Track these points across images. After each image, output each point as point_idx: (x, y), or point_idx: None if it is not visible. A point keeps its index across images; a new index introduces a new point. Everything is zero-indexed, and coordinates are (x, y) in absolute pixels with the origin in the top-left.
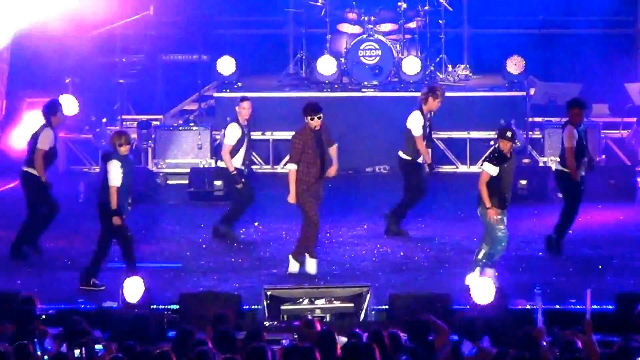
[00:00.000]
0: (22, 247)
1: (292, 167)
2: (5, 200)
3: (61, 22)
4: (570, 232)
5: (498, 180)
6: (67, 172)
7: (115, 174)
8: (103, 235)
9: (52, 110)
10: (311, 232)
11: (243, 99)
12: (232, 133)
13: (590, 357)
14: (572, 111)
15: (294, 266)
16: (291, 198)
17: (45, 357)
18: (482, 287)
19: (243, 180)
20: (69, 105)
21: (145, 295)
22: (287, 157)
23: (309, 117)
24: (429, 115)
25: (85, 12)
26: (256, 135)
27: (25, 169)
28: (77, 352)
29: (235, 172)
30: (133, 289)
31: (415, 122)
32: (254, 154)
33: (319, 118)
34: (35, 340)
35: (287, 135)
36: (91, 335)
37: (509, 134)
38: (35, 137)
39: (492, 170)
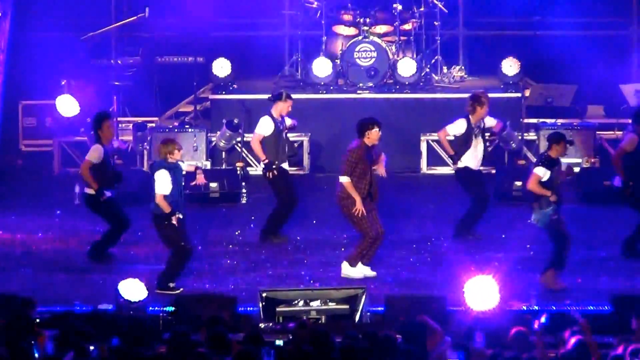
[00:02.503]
0: (104, 252)
1: (345, 180)
2: None
3: (57, 24)
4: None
5: (549, 183)
6: (62, 174)
7: (161, 182)
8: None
9: (95, 125)
10: (364, 244)
11: (289, 96)
12: (264, 124)
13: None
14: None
15: (350, 271)
16: (358, 204)
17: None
18: (480, 291)
19: (275, 172)
20: (68, 106)
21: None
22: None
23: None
24: (481, 125)
25: (81, 14)
26: (250, 137)
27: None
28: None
29: (267, 161)
30: (129, 290)
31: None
32: (248, 155)
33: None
34: (33, 342)
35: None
36: (87, 337)
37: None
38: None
39: (542, 173)
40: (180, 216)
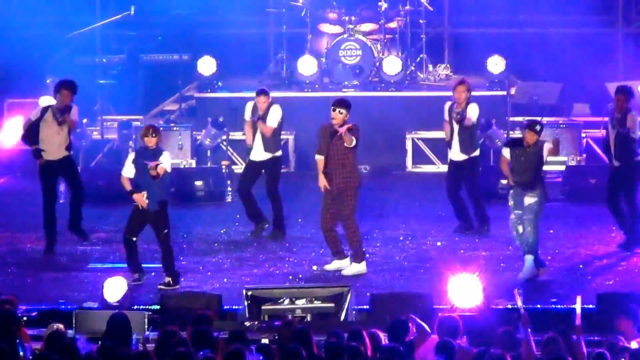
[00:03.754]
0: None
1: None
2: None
3: (42, 21)
4: (551, 231)
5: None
6: None
7: (125, 164)
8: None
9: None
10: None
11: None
12: (279, 112)
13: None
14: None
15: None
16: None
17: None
18: (465, 289)
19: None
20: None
21: (126, 295)
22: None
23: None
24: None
25: (66, 12)
26: (237, 135)
27: None
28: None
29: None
30: (114, 289)
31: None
32: (234, 153)
33: (340, 113)
34: (17, 341)
35: None
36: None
37: (537, 127)
38: None
39: (505, 153)
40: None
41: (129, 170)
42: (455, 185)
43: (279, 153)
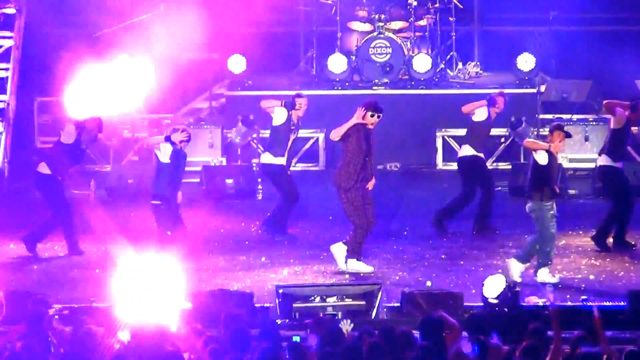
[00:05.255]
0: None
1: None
2: None
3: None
4: (581, 232)
5: (547, 170)
6: (77, 170)
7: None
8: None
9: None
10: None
11: (299, 95)
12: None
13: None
14: None
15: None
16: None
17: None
18: (494, 284)
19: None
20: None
21: None
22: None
23: (369, 114)
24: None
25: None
26: (267, 133)
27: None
28: None
29: None
30: None
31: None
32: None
33: (379, 117)
34: (49, 339)
35: (299, 133)
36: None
37: (564, 128)
38: None
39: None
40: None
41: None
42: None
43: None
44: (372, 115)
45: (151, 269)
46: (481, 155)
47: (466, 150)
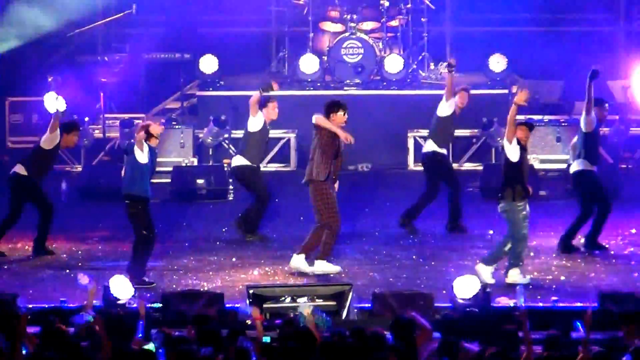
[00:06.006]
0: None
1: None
2: None
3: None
4: (552, 233)
5: (519, 167)
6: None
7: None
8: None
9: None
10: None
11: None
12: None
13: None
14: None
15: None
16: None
17: None
18: (466, 285)
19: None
20: (54, 103)
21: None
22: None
23: (340, 113)
24: None
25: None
26: (238, 133)
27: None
28: None
29: None
30: (119, 287)
31: None
32: (235, 151)
33: (346, 113)
34: (18, 339)
35: (270, 133)
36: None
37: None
38: None
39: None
40: None
41: None
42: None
43: None
44: (343, 114)
45: None
46: (443, 151)
47: (429, 146)
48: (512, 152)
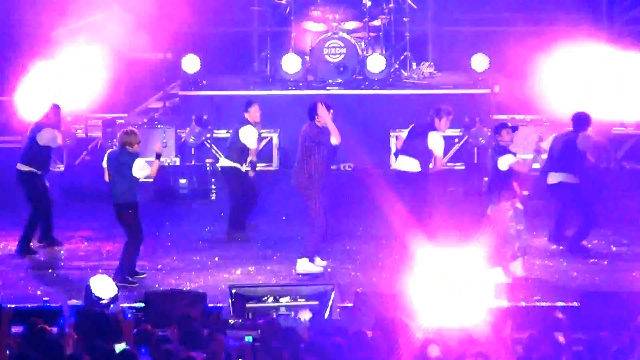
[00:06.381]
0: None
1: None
2: None
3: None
4: (534, 232)
5: (510, 173)
6: None
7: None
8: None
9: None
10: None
11: (252, 102)
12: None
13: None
14: None
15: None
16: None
17: None
18: (447, 289)
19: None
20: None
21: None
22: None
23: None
24: None
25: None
26: (221, 133)
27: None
28: None
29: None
30: (101, 286)
31: None
32: (217, 151)
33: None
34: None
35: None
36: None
37: (508, 124)
38: None
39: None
40: None
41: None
42: None
43: None
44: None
45: None
46: None
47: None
48: (504, 163)
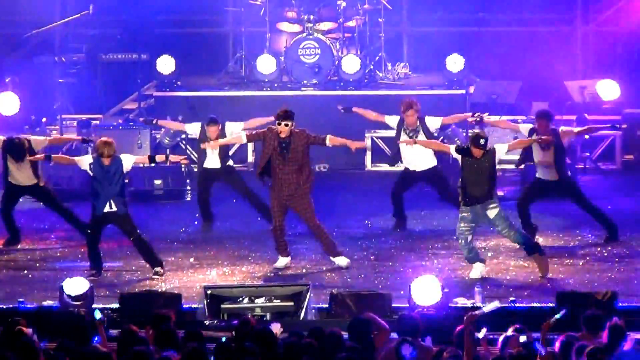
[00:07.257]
0: None
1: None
2: None
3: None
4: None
5: (461, 175)
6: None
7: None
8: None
9: None
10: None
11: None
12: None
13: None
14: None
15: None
16: None
17: None
18: (425, 288)
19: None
20: (9, 103)
21: (86, 294)
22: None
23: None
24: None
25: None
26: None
27: None
28: None
29: None
30: (74, 288)
31: None
32: (192, 152)
33: (286, 125)
34: None
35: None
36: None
37: (481, 141)
38: None
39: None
40: None
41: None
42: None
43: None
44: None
45: None
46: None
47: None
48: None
